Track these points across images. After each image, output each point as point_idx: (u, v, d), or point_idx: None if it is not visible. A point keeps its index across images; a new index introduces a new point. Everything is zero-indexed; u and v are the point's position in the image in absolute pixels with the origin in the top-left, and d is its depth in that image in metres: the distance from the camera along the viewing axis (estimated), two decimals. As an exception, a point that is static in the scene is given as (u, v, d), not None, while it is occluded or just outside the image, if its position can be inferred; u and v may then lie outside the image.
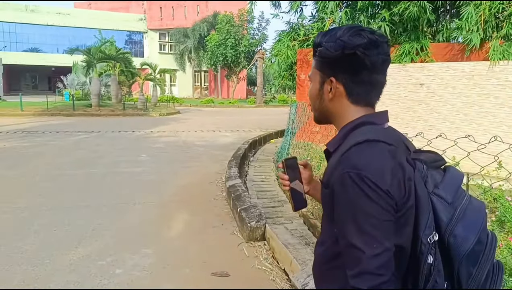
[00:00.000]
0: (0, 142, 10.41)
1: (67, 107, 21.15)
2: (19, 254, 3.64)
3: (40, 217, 4.64)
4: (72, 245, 3.84)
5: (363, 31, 1.02)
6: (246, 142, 9.63)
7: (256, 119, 19.21)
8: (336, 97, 1.07)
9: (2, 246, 3.82)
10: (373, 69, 1.03)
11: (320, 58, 1.08)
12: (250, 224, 4.02)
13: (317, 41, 1.09)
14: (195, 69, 44.76)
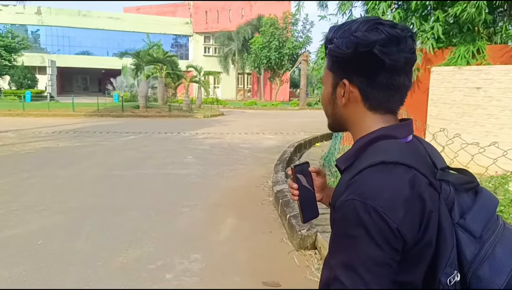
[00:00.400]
0: (54, 142, 10.85)
1: (116, 108, 21.88)
2: (72, 255, 3.67)
3: (91, 218, 4.70)
4: (123, 247, 3.83)
5: (381, 24, 0.85)
6: (291, 146, 9.46)
7: (299, 122, 18.97)
8: (351, 102, 0.91)
9: (56, 245, 3.88)
10: (393, 70, 0.85)
11: (332, 57, 0.91)
12: (300, 232, 3.84)
13: (328, 36, 0.91)
14: (239, 71, 45.10)
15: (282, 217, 4.71)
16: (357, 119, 0.91)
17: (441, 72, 6.68)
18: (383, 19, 0.86)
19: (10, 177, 6.68)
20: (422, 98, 7.57)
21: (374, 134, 0.88)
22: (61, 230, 4.30)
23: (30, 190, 5.89)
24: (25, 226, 4.38)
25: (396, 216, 0.75)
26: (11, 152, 9.09)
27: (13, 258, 3.57)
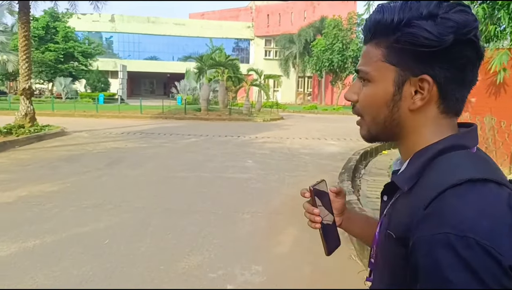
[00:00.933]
0: (123, 142, 11.36)
1: (179, 111, 22.61)
2: (136, 256, 3.72)
3: (155, 219, 4.76)
4: (185, 252, 3.82)
5: (463, 5, 0.68)
6: (357, 153, 9.07)
7: (362, 127, 18.32)
8: (425, 105, 0.72)
9: (122, 245, 3.95)
10: (479, 62, 0.71)
11: (413, 46, 0.68)
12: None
13: (394, 18, 0.70)
14: (299, 74, 44.81)
15: (347, 229, 4.45)
16: (424, 126, 0.73)
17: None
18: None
19: (83, 175, 7.04)
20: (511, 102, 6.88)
21: (444, 144, 0.71)
22: (127, 230, 4.39)
23: (100, 188, 6.15)
24: (94, 224, 4.54)
25: (505, 249, 0.57)
26: (84, 151, 9.63)
27: (82, 256, 3.68)
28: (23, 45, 12.59)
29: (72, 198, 5.57)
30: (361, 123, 0.82)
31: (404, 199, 0.71)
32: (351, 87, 0.82)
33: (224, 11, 51.20)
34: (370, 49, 0.75)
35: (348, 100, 0.82)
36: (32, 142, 10.63)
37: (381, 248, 0.78)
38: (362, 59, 0.78)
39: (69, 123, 15.82)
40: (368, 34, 0.76)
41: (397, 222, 0.70)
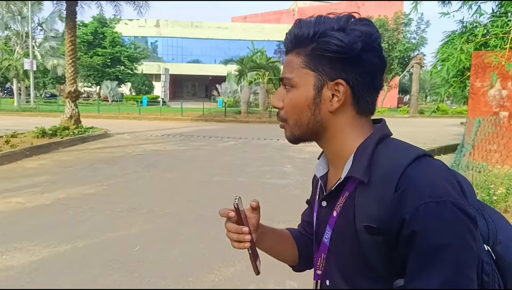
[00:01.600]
0: (162, 145, 11.43)
1: (219, 113, 22.68)
2: (165, 265, 3.55)
3: (187, 225, 4.60)
4: (216, 263, 3.60)
5: (367, 20, 0.80)
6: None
7: (411, 131, 17.48)
8: (341, 106, 0.80)
9: (152, 253, 3.80)
10: (384, 69, 0.81)
11: (327, 52, 0.78)
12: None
13: (310, 31, 0.80)
14: (342, 77, 43.93)
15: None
16: (344, 126, 0.82)
17: None
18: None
19: (121, 177, 7.05)
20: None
21: (378, 135, 0.81)
22: (159, 237, 4.25)
23: (136, 192, 6.10)
24: (126, 230, 4.44)
25: (467, 205, 0.69)
26: (124, 153, 9.74)
27: (111, 264, 3.56)
28: (70, 50, 13.03)
29: (108, 201, 5.54)
30: (285, 126, 0.86)
31: (365, 192, 0.75)
32: (276, 94, 0.86)
33: (266, 14, 51.23)
34: (292, 58, 0.83)
35: (275, 106, 0.86)
36: (76, 144, 10.92)
37: (344, 247, 0.80)
38: (285, 68, 0.85)
39: (113, 125, 16.22)
40: (289, 46, 0.85)
41: (369, 214, 0.73)
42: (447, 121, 24.13)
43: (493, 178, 5.55)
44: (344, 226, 0.79)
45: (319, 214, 0.88)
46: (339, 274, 0.83)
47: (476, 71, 7.50)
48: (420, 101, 44.98)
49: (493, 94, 7.37)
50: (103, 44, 37.60)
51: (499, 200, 4.72)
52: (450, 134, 15.83)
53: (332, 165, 0.87)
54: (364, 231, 0.74)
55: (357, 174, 0.76)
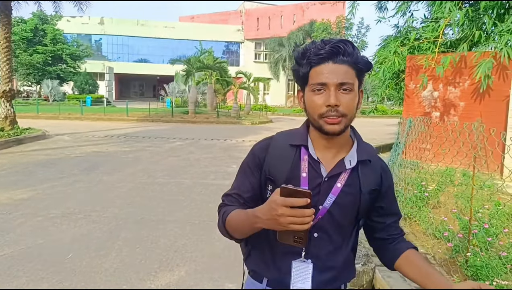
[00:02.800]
0: (104, 146, 11.00)
1: (166, 114, 22.24)
2: (98, 274, 3.40)
3: (125, 230, 4.45)
4: (152, 268, 3.51)
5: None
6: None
7: (351, 131, 18.13)
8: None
9: (85, 261, 3.63)
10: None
11: (365, 69, 1.15)
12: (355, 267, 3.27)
13: (351, 49, 1.12)
14: (289, 77, 44.67)
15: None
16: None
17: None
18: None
19: (57, 181, 6.69)
20: (498, 108, 6.71)
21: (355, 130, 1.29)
22: (94, 243, 4.07)
23: (72, 196, 5.81)
24: (59, 236, 4.21)
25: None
26: (62, 155, 9.26)
27: (40, 273, 3.36)
28: (4, 46, 12.21)
29: (41, 206, 5.23)
30: (340, 120, 1.13)
31: (366, 168, 1.21)
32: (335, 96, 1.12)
33: (214, 14, 50.93)
34: (346, 68, 1.13)
35: (335, 105, 1.12)
36: (11, 146, 10.25)
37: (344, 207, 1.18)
38: (340, 74, 1.11)
39: (53, 126, 15.41)
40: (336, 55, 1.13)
41: (371, 182, 1.21)
42: (386, 121, 25.31)
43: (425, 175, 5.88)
44: (349, 192, 1.17)
45: (320, 187, 1.16)
46: (332, 225, 1.18)
47: (410, 74, 7.91)
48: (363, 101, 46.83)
49: (425, 95, 7.82)
50: (43, 41, 35.58)
51: (431, 196, 4.99)
52: (388, 133, 16.61)
53: (331, 150, 1.19)
54: (368, 193, 1.19)
55: (367, 157, 1.20)
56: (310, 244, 1.17)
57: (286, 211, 0.94)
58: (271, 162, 1.21)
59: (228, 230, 1.20)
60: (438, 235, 3.87)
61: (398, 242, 1.28)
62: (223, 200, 1.28)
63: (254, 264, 1.28)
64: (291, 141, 1.21)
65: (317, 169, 1.17)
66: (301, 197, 0.95)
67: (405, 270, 1.23)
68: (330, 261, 1.21)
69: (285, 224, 0.96)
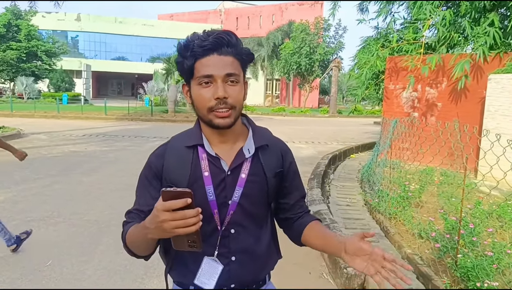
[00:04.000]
0: (83, 145, 10.74)
1: (145, 112, 21.90)
2: (80, 281, 3.28)
3: (108, 234, 4.32)
4: (138, 275, 3.40)
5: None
6: (326, 157, 8.87)
7: (331, 130, 18.32)
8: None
9: (65, 268, 3.50)
10: None
11: (248, 60, 1.16)
12: (346, 270, 3.24)
13: (234, 40, 1.12)
14: (268, 77, 44.75)
15: (317, 243, 4.17)
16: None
17: (500, 80, 5.95)
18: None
19: (33, 182, 6.47)
20: (474, 109, 6.86)
21: (250, 119, 1.31)
22: (74, 248, 3.93)
23: (50, 198, 5.62)
24: (37, 242, 4.05)
25: None
26: (39, 155, 8.98)
27: (18, 282, 3.21)
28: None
29: (16, 209, 5.03)
30: (230, 113, 1.11)
31: (265, 153, 1.22)
32: (223, 88, 1.10)
33: (193, 13, 50.54)
34: (231, 59, 1.12)
35: (224, 97, 1.09)
36: (-19, 146, 9.78)
37: (253, 195, 1.18)
38: (226, 67, 1.10)
39: (28, 125, 14.97)
40: (221, 46, 1.11)
41: (274, 165, 1.23)
42: (363, 120, 25.65)
43: (406, 175, 5.95)
44: (255, 181, 1.18)
45: (224, 182, 1.15)
46: (246, 217, 1.19)
47: (390, 75, 8.00)
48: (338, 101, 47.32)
49: (405, 96, 7.93)
50: (17, 37, 34.51)
51: (414, 196, 5.05)
52: (365, 133, 16.82)
53: (227, 143, 1.19)
54: (273, 177, 1.21)
55: (265, 142, 1.22)
56: (230, 241, 1.18)
57: (168, 216, 0.89)
58: (170, 168, 1.17)
59: (130, 248, 1.13)
60: (424, 236, 3.90)
61: (302, 217, 1.31)
62: (126, 218, 1.20)
63: (180, 275, 1.23)
64: (186, 143, 1.18)
65: (218, 165, 1.16)
66: (180, 197, 0.90)
67: (310, 242, 1.27)
68: (254, 253, 1.22)
69: (169, 229, 0.90)
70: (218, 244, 1.17)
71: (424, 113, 7.73)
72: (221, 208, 1.15)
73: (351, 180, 7.47)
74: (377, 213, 4.95)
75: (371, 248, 1.05)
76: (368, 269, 1.05)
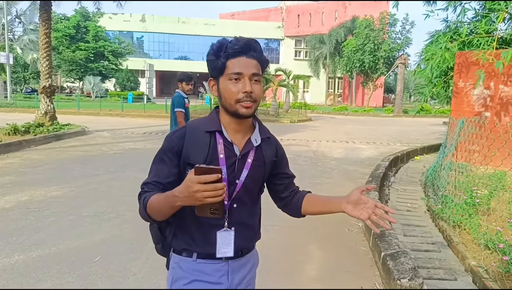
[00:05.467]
0: (142, 143, 11.07)
1: (205, 111, 22.29)
2: (125, 279, 3.24)
3: (156, 232, 4.29)
4: (181, 276, 3.30)
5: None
6: (386, 159, 8.35)
7: (395, 130, 17.43)
8: None
9: (113, 265, 3.49)
10: None
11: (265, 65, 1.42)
12: (400, 281, 2.94)
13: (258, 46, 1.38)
14: (329, 75, 43.85)
15: (374, 253, 3.84)
16: None
17: None
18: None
19: (92, 178, 6.70)
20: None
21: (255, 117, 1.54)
22: (124, 245, 3.94)
23: (107, 194, 5.76)
24: (90, 237, 4.11)
25: None
26: (100, 152, 9.36)
27: (66, 277, 3.24)
28: (44, 42, 12.50)
29: (73, 204, 5.19)
30: (252, 105, 1.36)
31: (266, 144, 1.49)
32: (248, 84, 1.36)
33: (254, 11, 50.85)
34: (254, 62, 1.38)
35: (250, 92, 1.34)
36: (50, 142, 10.47)
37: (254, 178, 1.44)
38: (251, 68, 1.35)
39: (93, 122, 15.79)
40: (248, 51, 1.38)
41: (271, 154, 1.50)
42: (430, 120, 24.19)
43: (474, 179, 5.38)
44: (257, 165, 1.43)
45: (235, 164, 1.38)
46: (246, 194, 1.42)
47: (460, 71, 7.31)
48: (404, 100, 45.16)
49: (476, 93, 7.20)
50: (86, 38, 36.78)
51: (482, 202, 4.54)
52: (432, 133, 15.78)
53: (240, 133, 1.42)
54: (270, 163, 1.49)
55: (267, 135, 1.50)
56: (232, 214, 1.40)
57: (201, 187, 1.09)
58: (189, 149, 1.37)
59: (149, 213, 1.31)
60: (491, 246, 3.48)
61: (296, 193, 1.60)
62: (143, 188, 1.39)
63: (183, 242, 1.44)
64: (206, 128, 1.39)
65: (231, 150, 1.38)
66: (212, 173, 1.10)
67: (311, 210, 1.55)
68: (248, 224, 1.47)
69: (201, 198, 1.11)
70: (226, 216, 1.39)
71: (497, 112, 6.97)
72: (230, 186, 1.38)
73: (414, 183, 6.95)
74: (440, 220, 4.52)
75: (368, 199, 1.36)
76: (363, 215, 1.34)
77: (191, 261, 1.43)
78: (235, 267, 1.46)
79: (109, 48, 37.50)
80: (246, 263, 1.51)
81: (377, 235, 3.91)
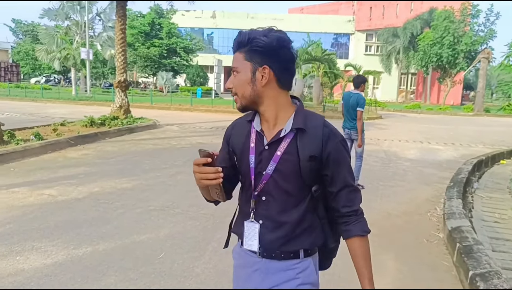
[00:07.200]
0: (209, 138, 11.20)
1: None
2: (188, 279, 3.14)
3: (221, 230, 4.15)
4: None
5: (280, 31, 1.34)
6: (469, 162, 7.57)
7: (476, 131, 16.02)
8: (268, 82, 1.32)
9: (176, 263, 3.40)
10: (294, 60, 1.35)
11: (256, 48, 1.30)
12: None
13: (246, 37, 1.32)
14: (402, 71, 41.71)
15: (459, 270, 3.38)
16: (274, 96, 1.34)
17: None
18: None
19: (160, 171, 6.80)
20: None
21: (302, 106, 1.40)
22: (187, 242, 3.86)
23: (173, 188, 5.78)
24: (154, 232, 4.09)
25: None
26: (169, 145, 9.56)
27: (130, 273, 3.20)
28: (119, 38, 13.06)
29: (141, 197, 5.25)
30: (237, 99, 1.37)
31: (303, 137, 1.33)
32: (229, 80, 1.38)
33: (324, 5, 49.81)
34: (237, 55, 1.36)
35: (228, 88, 1.38)
36: (123, 134, 10.91)
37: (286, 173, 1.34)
38: (233, 62, 1.37)
39: (164, 116, 16.31)
40: (235, 47, 1.37)
41: (309, 149, 1.32)
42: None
43: None
44: (288, 159, 1.34)
45: (262, 155, 1.36)
46: (276, 189, 1.37)
47: None
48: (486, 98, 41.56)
49: None
50: (159, 35, 38.32)
51: None
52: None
53: (269, 123, 1.38)
54: (307, 160, 1.33)
55: (300, 126, 1.34)
56: (259, 206, 1.39)
57: (196, 169, 1.26)
58: (234, 137, 1.45)
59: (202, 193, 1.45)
60: None
61: (348, 224, 1.39)
62: None
63: (236, 227, 1.51)
64: (247, 118, 1.43)
65: (261, 140, 1.37)
66: (209, 157, 1.22)
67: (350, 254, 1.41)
68: (277, 221, 1.37)
69: (197, 180, 1.28)
70: (254, 207, 1.39)
71: None
72: (257, 176, 1.37)
73: (501, 191, 6.21)
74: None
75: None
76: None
77: (238, 246, 1.49)
78: (271, 268, 1.39)
79: (181, 45, 38.76)
80: (288, 271, 1.39)
81: (464, 250, 3.44)
